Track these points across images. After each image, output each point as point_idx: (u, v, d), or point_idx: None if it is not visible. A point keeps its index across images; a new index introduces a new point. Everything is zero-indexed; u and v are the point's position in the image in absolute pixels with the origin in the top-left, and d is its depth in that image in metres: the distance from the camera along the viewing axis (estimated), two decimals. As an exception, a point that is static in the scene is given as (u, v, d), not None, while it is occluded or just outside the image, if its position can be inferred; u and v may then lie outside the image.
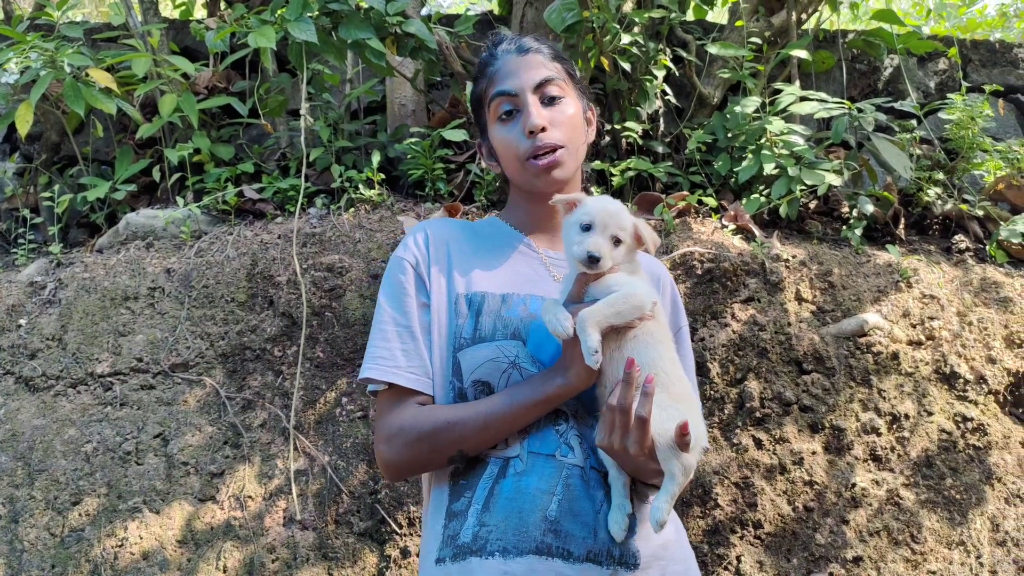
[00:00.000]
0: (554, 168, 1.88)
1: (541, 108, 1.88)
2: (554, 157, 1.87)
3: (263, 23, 3.72)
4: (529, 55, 1.93)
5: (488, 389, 1.77)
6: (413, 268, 1.88)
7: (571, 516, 1.67)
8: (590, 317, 1.60)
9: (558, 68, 1.94)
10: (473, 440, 1.73)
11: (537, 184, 1.90)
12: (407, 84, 4.30)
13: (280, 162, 4.48)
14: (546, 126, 1.86)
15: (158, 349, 3.54)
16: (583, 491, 1.69)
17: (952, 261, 3.90)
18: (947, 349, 3.47)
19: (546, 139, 1.86)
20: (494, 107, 1.92)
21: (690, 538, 3.12)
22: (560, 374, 1.69)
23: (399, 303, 1.86)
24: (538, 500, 1.67)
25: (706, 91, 4.41)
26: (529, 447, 1.73)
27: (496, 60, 1.95)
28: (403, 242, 1.94)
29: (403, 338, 1.84)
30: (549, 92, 1.89)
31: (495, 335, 1.78)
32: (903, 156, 3.93)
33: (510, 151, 1.90)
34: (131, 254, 3.87)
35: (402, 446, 1.77)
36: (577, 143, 1.93)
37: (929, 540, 3.15)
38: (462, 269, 1.89)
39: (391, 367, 1.81)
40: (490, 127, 1.95)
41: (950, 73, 5.03)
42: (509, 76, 1.90)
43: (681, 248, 3.58)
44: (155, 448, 3.34)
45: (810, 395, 3.34)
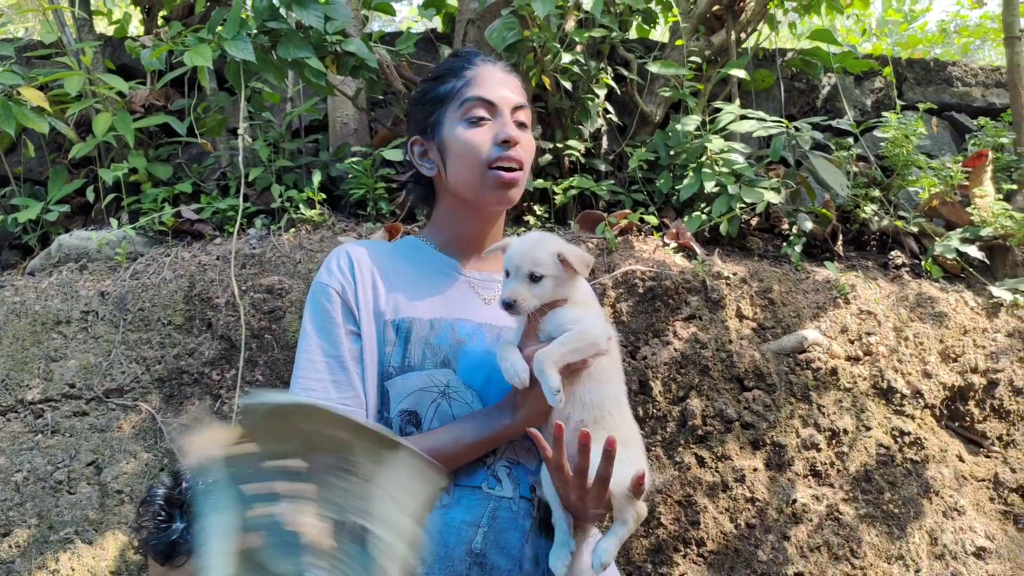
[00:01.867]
0: (512, 187, 1.85)
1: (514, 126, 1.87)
2: (516, 176, 1.84)
3: (200, 41, 3.67)
4: (511, 77, 1.92)
5: (415, 419, 1.74)
6: (339, 295, 1.81)
7: (496, 548, 1.65)
8: (547, 358, 1.59)
9: (526, 100, 1.94)
10: None
11: (487, 195, 1.85)
12: (349, 103, 4.27)
13: (220, 182, 4.41)
14: (520, 141, 1.85)
15: (91, 374, 3.46)
16: (510, 523, 1.68)
17: (889, 277, 3.97)
18: (884, 364, 3.52)
19: (516, 154, 1.84)
20: (466, 108, 1.85)
21: (633, 558, 3.12)
22: (507, 414, 1.68)
23: (327, 332, 1.79)
24: (463, 533, 1.65)
25: (648, 109, 4.44)
26: (456, 481, 1.70)
27: (475, 67, 1.91)
28: (325, 267, 1.87)
29: (332, 369, 1.77)
30: (520, 118, 1.89)
31: (424, 363, 1.74)
32: (840, 174, 3.99)
33: (473, 154, 1.84)
34: (64, 277, 3.78)
35: None
36: (527, 173, 1.91)
37: (869, 555, 3.18)
38: (388, 294, 1.83)
39: (323, 400, 1.74)
40: (452, 126, 1.87)
41: (886, 91, 5.14)
42: (492, 86, 1.87)
43: (623, 266, 3.59)
44: (88, 477, 3.26)
45: (751, 412, 3.36)
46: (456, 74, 1.91)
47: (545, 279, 1.66)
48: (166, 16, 4.89)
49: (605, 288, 3.53)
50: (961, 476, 3.43)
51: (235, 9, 3.58)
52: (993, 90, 5.27)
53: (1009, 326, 3.73)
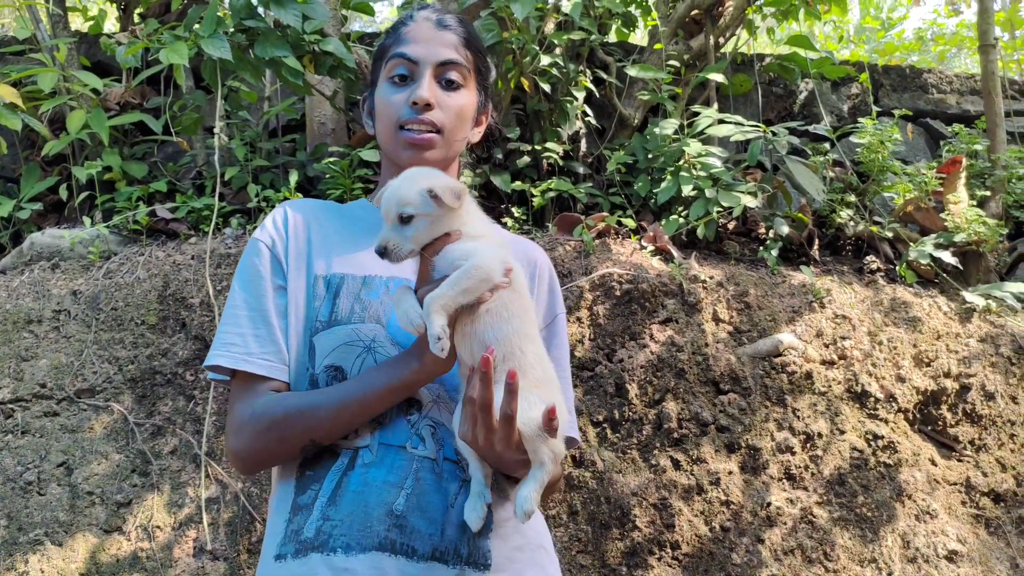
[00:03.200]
0: (424, 149, 1.79)
1: (435, 86, 1.81)
2: (427, 137, 1.79)
3: (176, 39, 3.63)
4: (445, 32, 1.84)
5: (340, 374, 1.68)
6: (269, 249, 1.77)
7: (418, 511, 1.59)
8: (435, 301, 1.48)
9: (468, 57, 1.86)
10: (326, 428, 1.62)
11: (402, 156, 1.81)
12: (326, 103, 4.25)
13: (195, 181, 4.37)
14: (432, 104, 1.78)
15: (63, 374, 3.42)
16: (434, 485, 1.62)
17: (864, 281, 3.99)
18: (858, 368, 3.54)
19: (428, 116, 1.78)
20: (390, 66, 1.82)
21: (608, 560, 3.12)
22: (415, 358, 1.60)
23: (252, 286, 1.75)
24: (384, 494, 1.58)
25: (626, 112, 4.45)
26: (380, 438, 1.64)
27: (411, 22, 1.85)
28: (262, 224, 1.83)
29: (255, 323, 1.72)
30: (449, 75, 1.82)
31: (351, 318, 1.70)
32: (816, 179, 4.02)
33: (388, 113, 1.81)
34: (35, 275, 3.73)
35: (252, 435, 1.65)
36: (456, 135, 1.85)
37: (842, 557, 3.19)
38: (323, 250, 1.79)
39: (242, 354, 1.69)
40: (380, 84, 1.86)
41: (862, 97, 5.18)
42: (416, 43, 1.81)
43: (600, 269, 3.59)
44: (58, 477, 3.21)
45: (727, 415, 3.37)
46: (396, 29, 1.87)
47: (416, 219, 1.54)
48: (142, 13, 4.85)
49: (582, 291, 3.53)
50: (933, 480, 3.45)
51: (212, 7, 3.55)
52: (968, 97, 5.32)
53: (981, 331, 3.76)
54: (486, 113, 1.99)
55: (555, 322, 1.93)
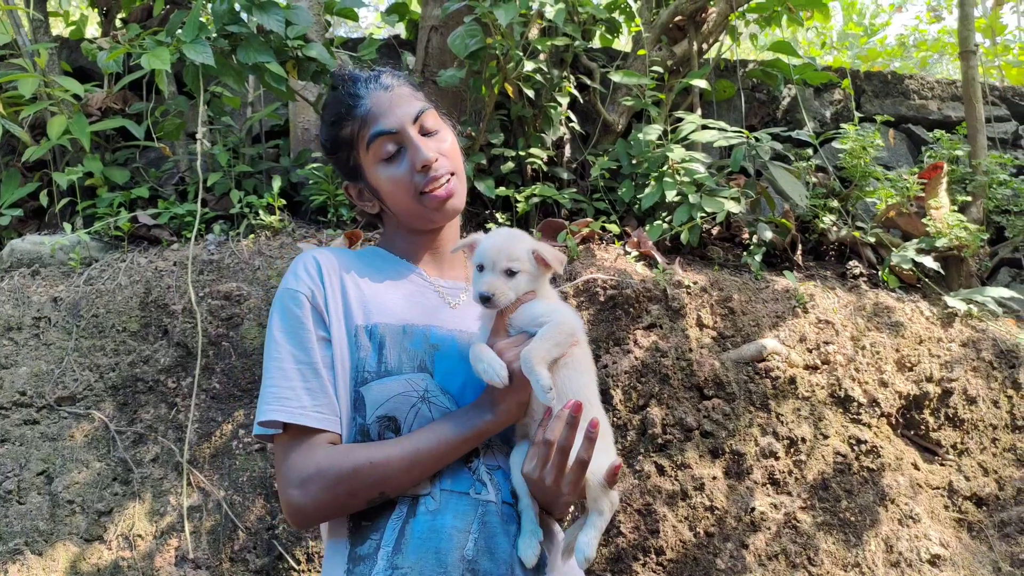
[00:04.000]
0: (450, 198, 1.86)
1: (426, 140, 1.85)
2: (450, 187, 1.85)
3: (158, 44, 3.61)
4: (396, 90, 1.89)
5: (394, 424, 1.70)
6: (309, 300, 1.76)
7: (488, 554, 1.62)
8: (535, 355, 1.60)
9: (423, 97, 1.92)
10: (397, 480, 1.65)
11: (434, 217, 1.87)
12: (310, 108, 4.24)
13: (178, 187, 4.35)
14: (437, 157, 1.84)
15: (43, 382, 3.39)
16: (500, 528, 1.66)
17: (847, 286, 4.01)
18: (842, 373, 3.55)
19: (439, 169, 1.84)
20: (375, 148, 1.85)
21: (593, 566, 3.11)
22: (487, 410, 1.67)
23: (297, 338, 1.74)
24: (455, 539, 1.62)
25: (610, 118, 4.46)
26: (441, 485, 1.68)
27: (362, 100, 1.86)
28: (292, 272, 1.81)
29: (305, 376, 1.72)
30: (426, 124, 1.87)
31: (402, 368, 1.71)
32: (799, 184, 4.03)
33: (402, 190, 1.85)
34: (15, 282, 3.70)
35: (320, 490, 1.65)
36: (462, 170, 1.92)
37: (826, 562, 3.20)
38: (358, 300, 1.80)
39: (296, 407, 1.69)
40: (371, 168, 1.88)
41: (845, 103, 5.20)
42: (384, 115, 1.84)
43: (584, 275, 3.59)
44: (38, 486, 3.18)
45: (711, 420, 3.37)
46: (348, 115, 1.88)
47: (520, 275, 1.69)
48: (124, 18, 4.82)
49: (567, 296, 3.53)
50: (916, 484, 3.47)
51: (194, 12, 3.53)
52: (949, 103, 5.36)
53: (963, 336, 3.78)
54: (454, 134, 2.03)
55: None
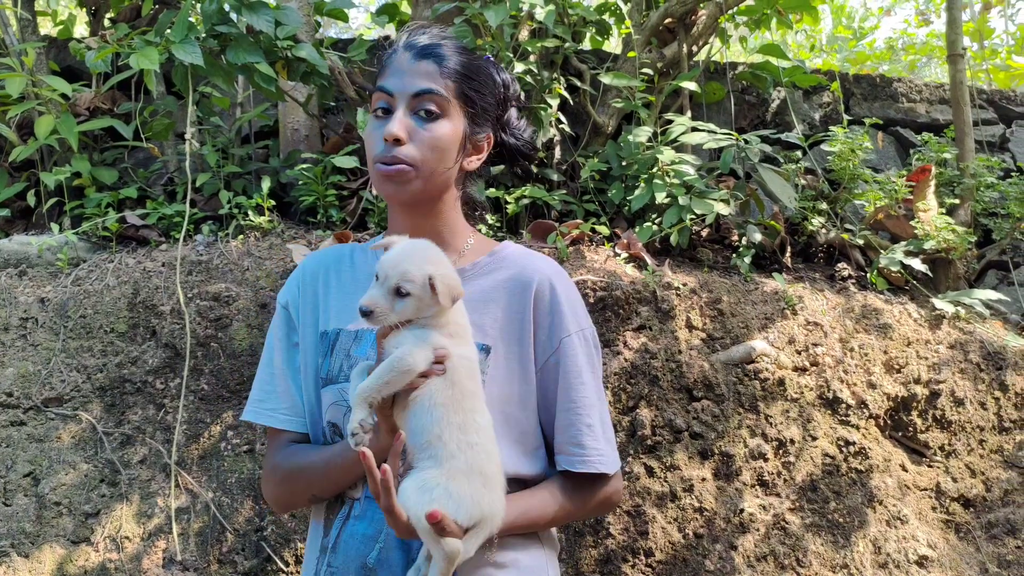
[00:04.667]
0: (399, 182, 1.75)
1: (408, 119, 1.75)
2: (398, 169, 1.73)
3: (147, 44, 3.60)
4: (422, 62, 1.77)
5: (338, 431, 1.77)
6: (285, 308, 1.91)
7: (386, 566, 1.64)
8: (360, 394, 1.53)
9: (448, 85, 1.77)
10: (320, 486, 1.76)
11: (383, 190, 1.79)
12: (300, 109, 4.23)
13: (166, 187, 4.33)
14: (402, 138, 1.72)
15: (30, 383, 3.37)
16: (397, 540, 1.64)
17: (835, 288, 4.02)
18: (830, 375, 3.56)
19: (398, 153, 1.72)
20: (374, 99, 1.80)
21: (582, 568, 3.11)
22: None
23: (275, 345, 1.91)
24: (363, 547, 1.67)
25: (600, 120, 4.46)
26: (366, 491, 1.70)
27: (394, 54, 1.82)
28: (287, 283, 1.96)
29: (275, 380, 1.88)
30: (425, 105, 1.75)
31: (339, 376, 1.75)
32: (788, 186, 4.04)
33: (369, 147, 1.80)
34: (2, 283, 3.68)
35: (272, 485, 1.86)
36: (436, 166, 1.77)
37: (814, 564, 3.21)
38: (329, 303, 1.85)
39: (267, 410, 1.87)
40: (368, 116, 1.85)
41: (834, 106, 5.22)
42: (394, 74, 1.78)
43: (574, 276, 3.59)
44: (25, 488, 3.17)
45: (700, 422, 3.38)
46: (382, 62, 1.86)
47: (410, 298, 1.54)
48: (112, 18, 4.80)
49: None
50: (904, 485, 3.48)
51: (184, 12, 3.52)
52: (937, 106, 5.38)
53: (951, 338, 3.80)
54: (488, 139, 1.91)
55: (561, 347, 1.82)
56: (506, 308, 1.81)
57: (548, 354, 1.81)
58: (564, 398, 1.80)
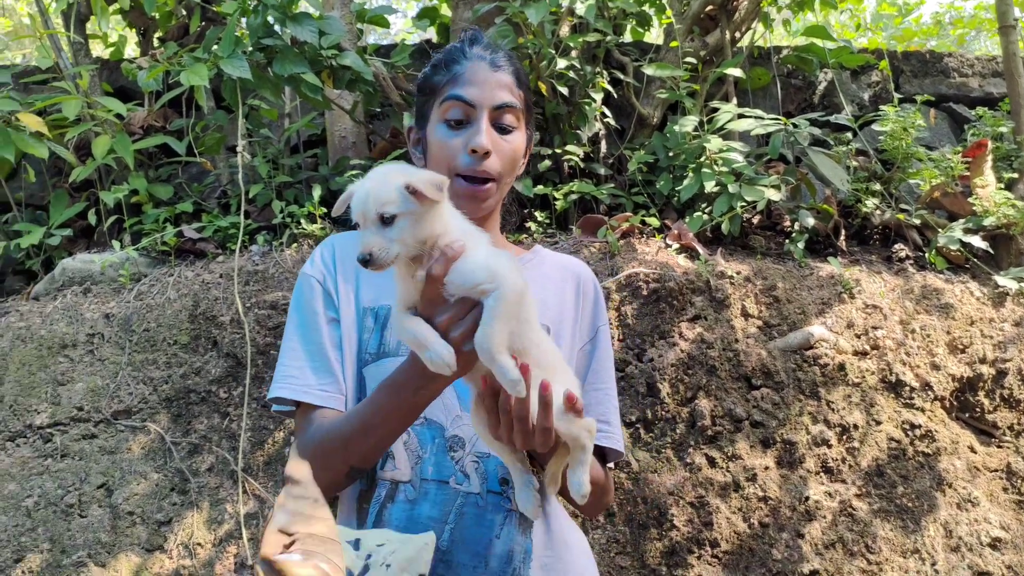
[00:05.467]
0: (482, 200, 1.79)
1: (492, 131, 1.78)
2: (485, 188, 1.78)
3: (196, 61, 3.68)
4: (499, 73, 1.81)
5: None
6: (320, 283, 1.80)
7: (463, 546, 1.63)
8: (493, 341, 1.39)
9: (520, 97, 1.83)
10: (356, 449, 1.62)
11: (463, 206, 1.73)
12: (346, 116, 4.28)
13: (221, 200, 4.42)
14: (490, 152, 1.77)
15: (99, 397, 3.46)
16: (476, 519, 1.65)
17: (893, 270, 3.96)
18: (892, 358, 3.51)
19: (486, 166, 1.76)
20: (445, 107, 1.80)
21: (648, 561, 3.11)
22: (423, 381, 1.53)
23: (307, 320, 1.78)
24: (430, 529, 1.62)
25: (645, 112, 4.44)
26: (422, 474, 1.67)
27: (466, 60, 1.82)
28: (310, 258, 1.86)
29: (312, 355, 1.75)
30: (504, 120, 1.79)
31: (399, 350, 1.72)
32: (839, 169, 3.99)
33: (444, 156, 1.79)
34: (68, 300, 3.78)
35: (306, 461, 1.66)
36: (508, 178, 1.84)
37: (884, 549, 3.16)
38: (370, 281, 1.81)
39: (301, 385, 1.72)
40: (433, 123, 1.84)
41: (883, 85, 5.13)
42: (473, 85, 1.79)
43: (626, 269, 3.58)
44: (99, 499, 3.25)
45: (760, 410, 3.35)
46: (447, 66, 1.85)
47: (398, 219, 1.42)
48: (161, 37, 4.90)
49: (609, 292, 3.53)
50: (974, 467, 3.41)
51: (230, 27, 3.59)
52: (990, 80, 5.26)
53: (1016, 315, 3.72)
54: (531, 144, 1.96)
55: (597, 334, 1.93)
56: (556, 294, 1.90)
57: (586, 339, 1.91)
58: (595, 379, 1.90)
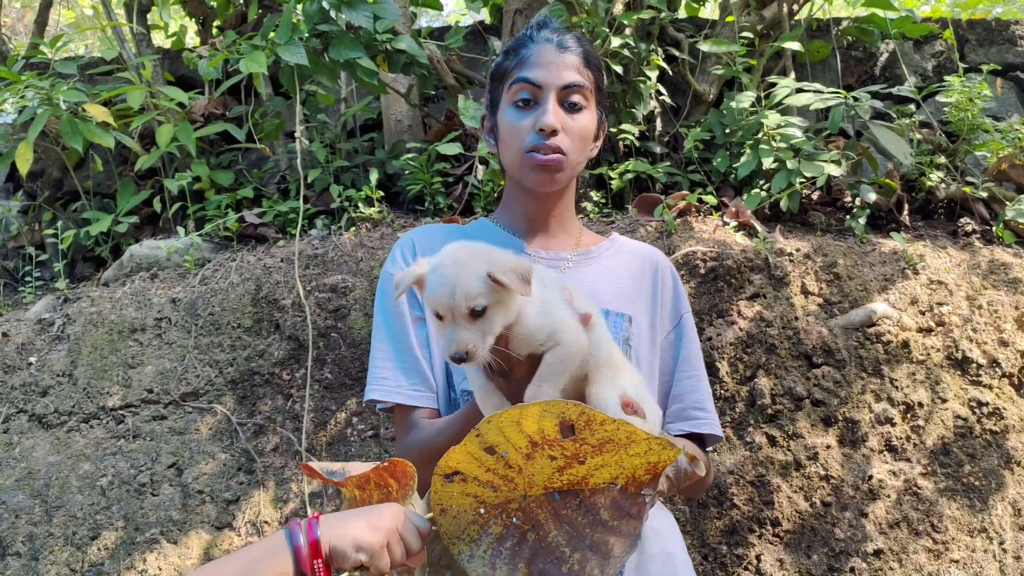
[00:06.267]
0: (553, 171, 1.83)
1: (559, 110, 1.82)
2: (555, 159, 1.82)
3: (254, 48, 3.74)
4: (566, 54, 1.85)
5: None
6: None
7: None
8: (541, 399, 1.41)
9: (589, 77, 1.87)
10: None
11: (530, 179, 1.86)
12: (402, 100, 4.31)
13: (280, 185, 4.49)
14: (557, 130, 1.81)
15: (168, 379, 3.55)
16: None
17: (959, 245, 3.87)
18: (958, 334, 3.44)
19: (554, 142, 1.81)
20: (513, 90, 1.85)
21: (708, 540, 3.10)
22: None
23: (393, 320, 1.85)
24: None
25: (701, 88, 4.39)
26: None
27: (532, 44, 1.87)
28: (391, 256, 1.92)
29: (401, 357, 1.82)
30: (572, 98, 1.84)
31: None
32: (902, 142, 3.90)
33: (515, 138, 1.84)
34: (136, 286, 3.89)
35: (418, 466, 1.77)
36: (579, 157, 1.88)
37: (950, 528, 3.11)
38: None
39: (394, 387, 1.80)
40: (503, 107, 1.89)
41: (947, 55, 5.00)
42: (539, 67, 1.83)
43: (683, 248, 3.56)
44: (170, 478, 3.35)
45: (821, 388, 3.31)
46: (515, 51, 1.89)
47: (488, 309, 1.39)
48: (220, 26, 4.98)
49: (666, 271, 3.51)
50: (1044, 445, 3.33)
51: (286, 14, 3.63)
52: (1060, 47, 5.09)
53: (1088, 289, 3.61)
54: (603, 127, 1.99)
55: (681, 322, 1.96)
56: (636, 283, 1.93)
57: (670, 328, 1.94)
58: (686, 366, 1.92)
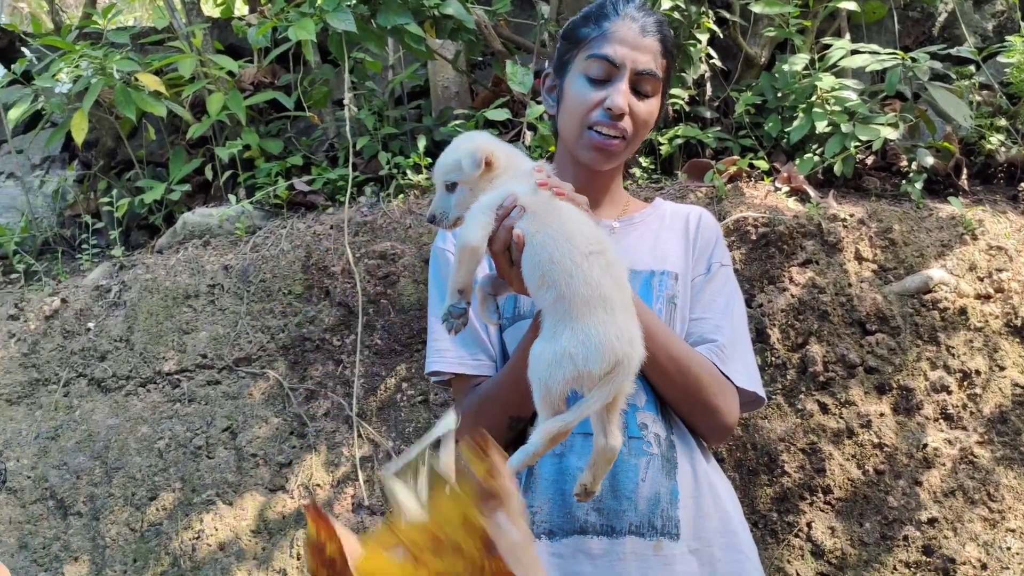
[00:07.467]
0: (610, 155, 1.85)
1: (629, 93, 1.83)
2: (615, 144, 1.83)
3: (302, 16, 3.75)
4: (648, 39, 1.84)
5: None
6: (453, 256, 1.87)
7: (611, 492, 1.68)
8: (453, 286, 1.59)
9: (663, 66, 1.88)
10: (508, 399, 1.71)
11: (584, 155, 1.87)
12: (449, 67, 4.29)
13: (328, 153, 4.51)
14: (625, 113, 1.82)
15: (221, 345, 3.62)
16: (621, 465, 1.69)
17: (1019, 210, 3.77)
18: (1018, 301, 3.36)
19: (620, 125, 1.82)
20: (590, 62, 1.84)
21: (758, 507, 3.09)
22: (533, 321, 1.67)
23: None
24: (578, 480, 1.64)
25: (752, 51, 4.31)
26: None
27: (616, 18, 1.85)
28: (440, 232, 1.96)
29: None
30: (644, 86, 1.84)
31: (532, 312, 1.77)
32: (962, 104, 3.79)
33: (578, 109, 1.84)
34: (189, 253, 3.95)
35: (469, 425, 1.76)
36: (638, 142, 1.91)
37: (1007, 498, 3.07)
38: None
39: (454, 358, 1.84)
40: (573, 74, 1.88)
41: (1009, 14, 4.84)
42: (621, 45, 1.82)
43: (734, 214, 3.52)
44: (224, 441, 3.42)
45: (875, 356, 3.26)
46: (598, 21, 1.87)
47: (459, 187, 1.61)
48: (268, -7, 5.00)
49: (717, 237, 3.47)
50: (1106, 415, 3.26)
51: (334, -19, 3.63)
52: None
53: None
54: (662, 114, 2.03)
55: (711, 269, 1.94)
56: (675, 240, 1.95)
57: (700, 272, 1.93)
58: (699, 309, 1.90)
